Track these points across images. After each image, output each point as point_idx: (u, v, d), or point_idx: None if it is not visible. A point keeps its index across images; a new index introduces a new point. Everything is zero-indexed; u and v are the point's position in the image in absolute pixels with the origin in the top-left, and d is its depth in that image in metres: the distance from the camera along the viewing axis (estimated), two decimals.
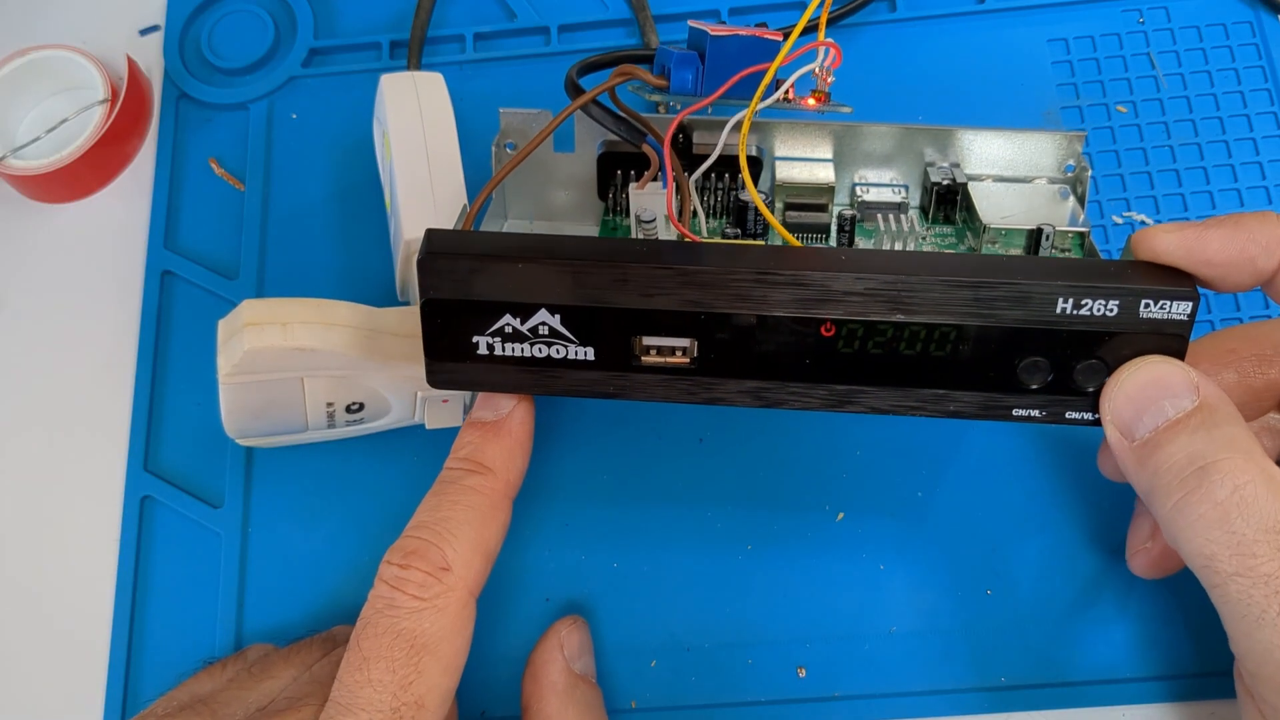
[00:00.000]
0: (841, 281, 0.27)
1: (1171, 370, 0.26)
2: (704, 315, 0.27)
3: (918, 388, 0.28)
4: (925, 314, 0.27)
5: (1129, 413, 0.27)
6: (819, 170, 0.35)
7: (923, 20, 0.44)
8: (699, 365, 0.28)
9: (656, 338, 0.28)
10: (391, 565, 0.28)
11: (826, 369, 0.28)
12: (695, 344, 0.28)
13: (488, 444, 0.31)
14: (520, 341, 0.28)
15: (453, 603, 0.28)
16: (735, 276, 0.27)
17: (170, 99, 0.46)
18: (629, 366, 0.28)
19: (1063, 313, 0.26)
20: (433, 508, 0.30)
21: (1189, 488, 0.25)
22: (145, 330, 0.41)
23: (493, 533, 0.30)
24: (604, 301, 0.27)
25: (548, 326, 0.28)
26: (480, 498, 0.30)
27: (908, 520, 0.36)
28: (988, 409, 0.28)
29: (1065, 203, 0.34)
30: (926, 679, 0.34)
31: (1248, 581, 0.25)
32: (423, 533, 0.29)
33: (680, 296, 0.27)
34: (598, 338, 0.28)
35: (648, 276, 0.27)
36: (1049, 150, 0.35)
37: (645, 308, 0.27)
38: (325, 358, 0.32)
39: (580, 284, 0.27)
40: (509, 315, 0.28)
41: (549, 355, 0.28)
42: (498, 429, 0.31)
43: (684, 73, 0.31)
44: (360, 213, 0.42)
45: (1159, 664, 0.34)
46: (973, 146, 0.35)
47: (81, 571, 0.38)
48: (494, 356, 0.28)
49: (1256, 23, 0.43)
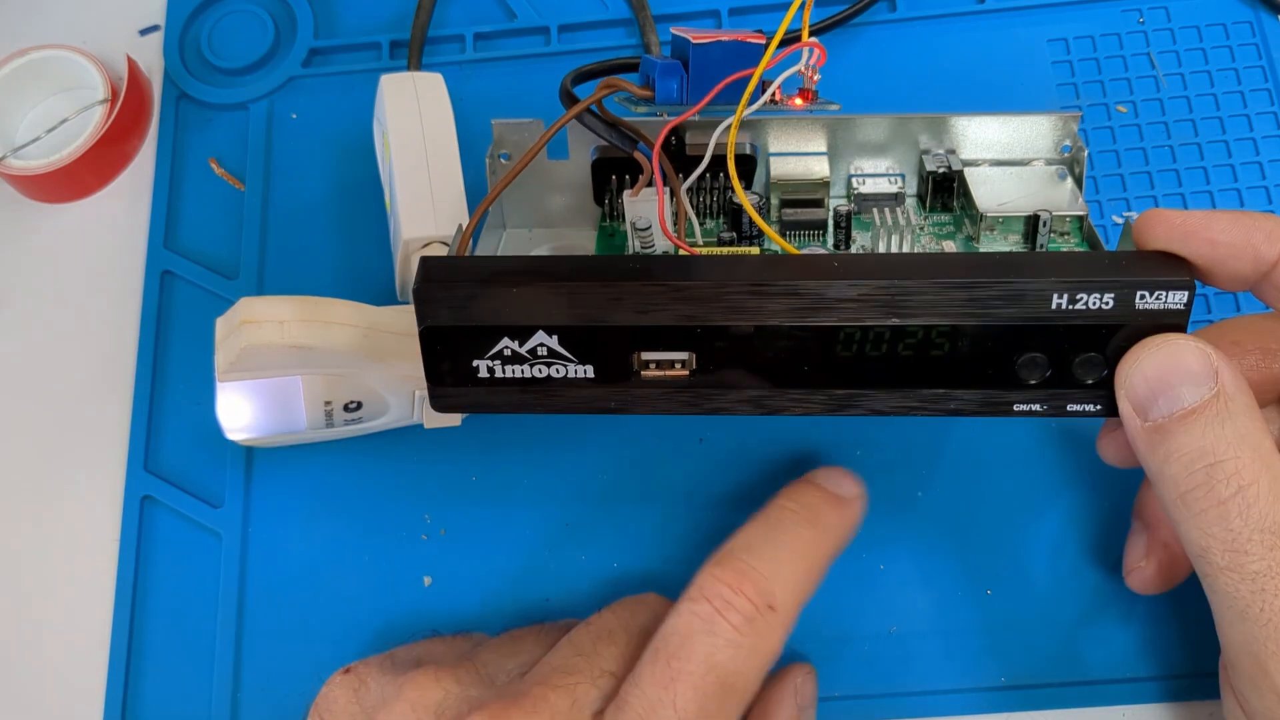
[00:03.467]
0: (835, 289, 0.27)
1: (1193, 354, 0.26)
2: (700, 329, 0.27)
3: (917, 388, 0.28)
4: (920, 317, 0.27)
5: (1145, 392, 0.26)
6: (814, 164, 0.35)
7: (923, 20, 0.44)
8: (698, 377, 0.28)
9: (655, 352, 0.28)
10: (720, 584, 0.28)
11: (825, 374, 0.28)
12: (694, 356, 0.28)
13: (832, 508, 0.31)
14: (520, 363, 0.28)
15: (769, 646, 0.27)
16: (729, 290, 0.27)
17: (170, 99, 0.46)
18: (629, 381, 0.28)
19: (1058, 308, 0.26)
20: (767, 540, 0.29)
21: (1195, 482, 0.25)
22: (145, 330, 0.41)
23: (812, 590, 0.29)
24: (600, 320, 0.27)
25: (546, 347, 0.28)
26: (814, 550, 0.29)
27: (907, 520, 0.36)
28: (988, 405, 0.28)
29: (1063, 184, 0.34)
30: (926, 679, 0.34)
31: (1236, 577, 0.25)
32: (756, 561, 0.28)
33: (675, 312, 0.27)
34: (596, 355, 0.28)
35: (642, 294, 0.27)
36: (1044, 131, 0.35)
37: (641, 324, 0.27)
38: (323, 356, 0.32)
39: (575, 304, 0.27)
40: (507, 338, 0.28)
41: (549, 375, 0.28)
42: (842, 502, 0.31)
43: (669, 83, 0.31)
44: (360, 213, 0.42)
45: (1159, 664, 0.34)
46: (967, 132, 0.35)
47: (81, 571, 0.38)
48: (495, 379, 0.29)
49: (1256, 23, 0.43)
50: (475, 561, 0.37)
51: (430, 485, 0.38)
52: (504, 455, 0.38)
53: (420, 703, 0.29)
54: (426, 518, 0.38)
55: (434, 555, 0.37)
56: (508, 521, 0.37)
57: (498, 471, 0.38)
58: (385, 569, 0.37)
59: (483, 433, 0.38)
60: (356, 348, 0.33)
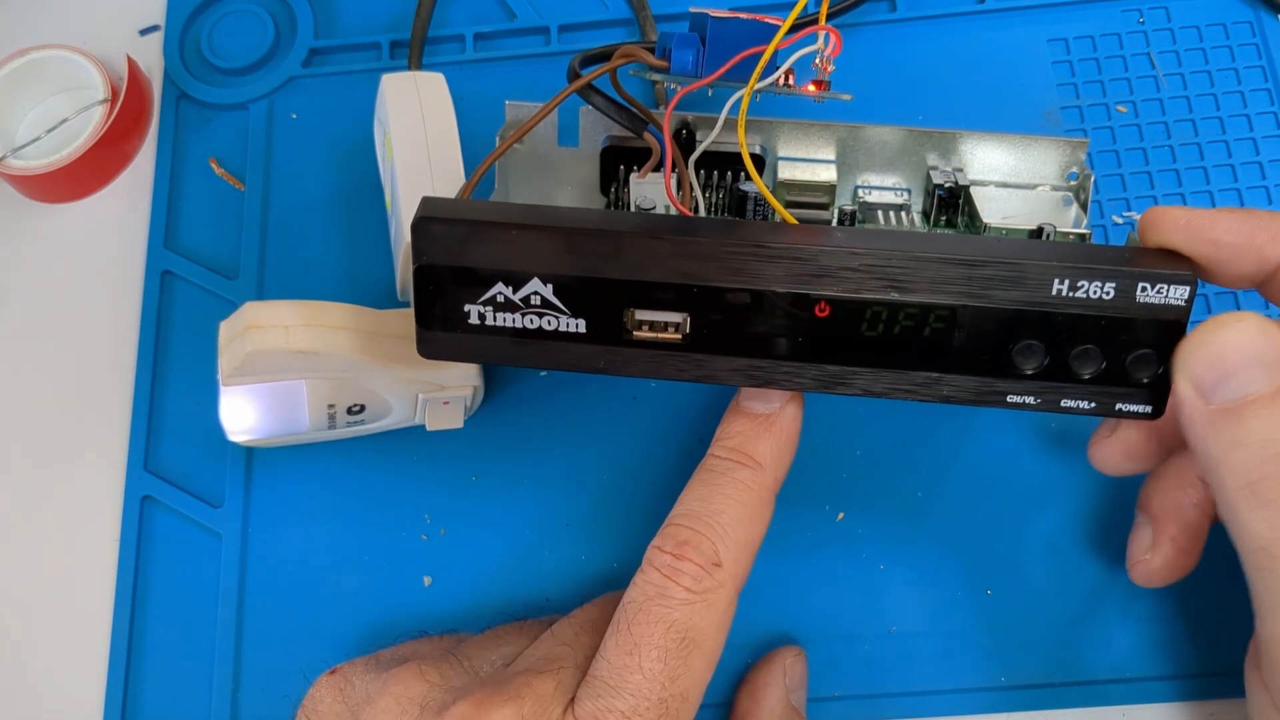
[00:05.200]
0: (837, 257, 0.26)
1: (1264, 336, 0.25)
2: (697, 288, 0.27)
3: (911, 370, 0.28)
4: (920, 293, 0.27)
5: (1211, 375, 0.25)
6: (821, 171, 0.35)
7: (923, 20, 0.44)
8: (691, 341, 0.28)
9: (649, 311, 0.28)
10: (664, 553, 0.28)
11: (819, 349, 0.28)
12: (688, 319, 0.28)
13: (759, 437, 0.30)
14: (512, 311, 0.28)
15: (722, 599, 0.28)
16: (730, 249, 0.27)
17: (170, 99, 0.45)
18: (621, 341, 0.28)
19: (1058, 294, 0.26)
20: (703, 498, 0.29)
21: (1268, 470, 0.25)
22: (145, 330, 0.41)
23: (759, 530, 0.30)
24: (597, 272, 0.27)
25: (540, 296, 0.28)
26: (750, 493, 0.29)
27: (908, 520, 0.36)
28: (982, 394, 0.28)
29: (1068, 210, 0.34)
30: (926, 679, 0.35)
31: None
32: (695, 524, 0.29)
33: (674, 267, 0.27)
34: (590, 310, 0.28)
35: (641, 247, 0.27)
36: (1052, 157, 0.35)
37: (638, 279, 0.27)
38: (327, 360, 0.32)
39: (573, 253, 0.27)
40: (501, 284, 0.27)
41: (540, 327, 0.28)
42: (769, 423, 0.30)
43: (684, 53, 0.31)
44: (360, 213, 0.42)
45: (1159, 664, 0.34)
46: (975, 152, 0.35)
47: (81, 571, 0.38)
48: (485, 326, 0.28)
49: (1256, 23, 0.43)
50: (475, 561, 0.37)
51: (430, 485, 0.38)
52: (504, 455, 0.38)
53: (405, 696, 0.29)
54: (426, 518, 0.38)
55: (434, 555, 0.37)
56: (507, 522, 0.37)
57: (498, 472, 0.38)
58: (385, 569, 0.37)
59: (483, 433, 0.38)
60: (360, 352, 0.33)
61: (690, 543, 0.28)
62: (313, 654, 0.36)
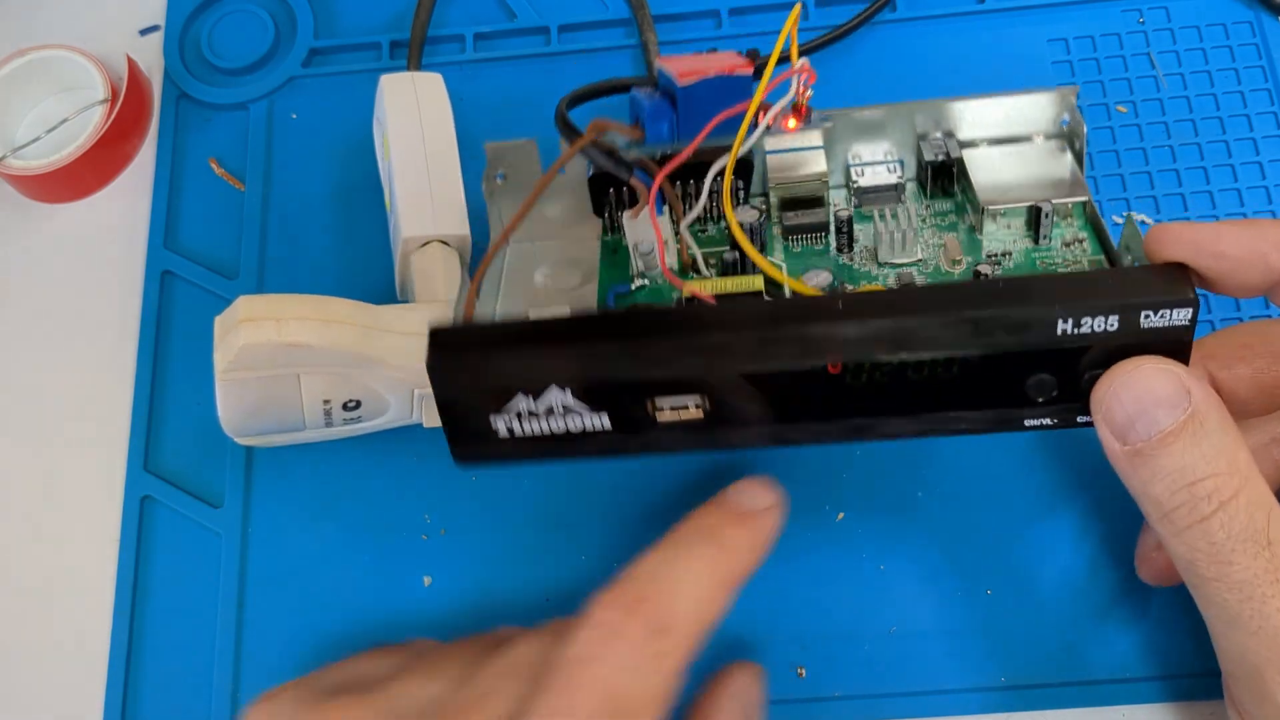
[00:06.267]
0: (842, 331, 0.27)
1: (1164, 377, 0.26)
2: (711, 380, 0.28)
3: (929, 413, 0.28)
4: (928, 351, 0.27)
5: (1121, 418, 0.27)
6: (810, 159, 0.35)
7: (923, 20, 0.44)
8: (713, 418, 0.29)
9: (668, 398, 0.28)
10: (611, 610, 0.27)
11: (837, 407, 0.28)
12: (706, 398, 0.28)
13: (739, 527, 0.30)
14: (537, 419, 0.29)
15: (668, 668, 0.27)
16: (738, 343, 0.27)
17: (170, 99, 0.46)
18: (645, 426, 0.29)
19: (1064, 333, 0.27)
20: (666, 561, 0.28)
21: (1179, 501, 0.26)
22: (145, 330, 0.41)
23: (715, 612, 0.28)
24: (611, 375, 0.28)
25: (561, 404, 0.28)
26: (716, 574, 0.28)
27: (908, 520, 0.36)
28: (1000, 424, 0.29)
29: (1063, 159, 0.34)
30: (926, 679, 0.34)
31: (1223, 586, 0.26)
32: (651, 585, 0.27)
33: (685, 363, 0.28)
34: (610, 406, 0.28)
35: (650, 351, 0.28)
36: (1043, 106, 0.35)
37: (651, 378, 0.28)
38: (322, 354, 0.32)
39: (584, 364, 0.28)
40: (521, 396, 0.28)
41: (567, 428, 0.29)
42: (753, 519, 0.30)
43: (659, 126, 0.31)
44: (360, 213, 0.42)
45: (1159, 664, 0.34)
46: (965, 114, 0.35)
47: (81, 571, 0.38)
48: (515, 438, 0.29)
49: (1256, 23, 0.43)
50: (475, 561, 0.37)
51: (430, 485, 0.38)
52: None
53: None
54: (426, 518, 0.38)
55: (434, 555, 0.37)
56: (508, 522, 0.37)
57: (498, 471, 0.38)
58: (385, 569, 0.37)
59: None
60: (356, 346, 0.33)
61: (647, 600, 0.27)
62: (313, 654, 0.36)
